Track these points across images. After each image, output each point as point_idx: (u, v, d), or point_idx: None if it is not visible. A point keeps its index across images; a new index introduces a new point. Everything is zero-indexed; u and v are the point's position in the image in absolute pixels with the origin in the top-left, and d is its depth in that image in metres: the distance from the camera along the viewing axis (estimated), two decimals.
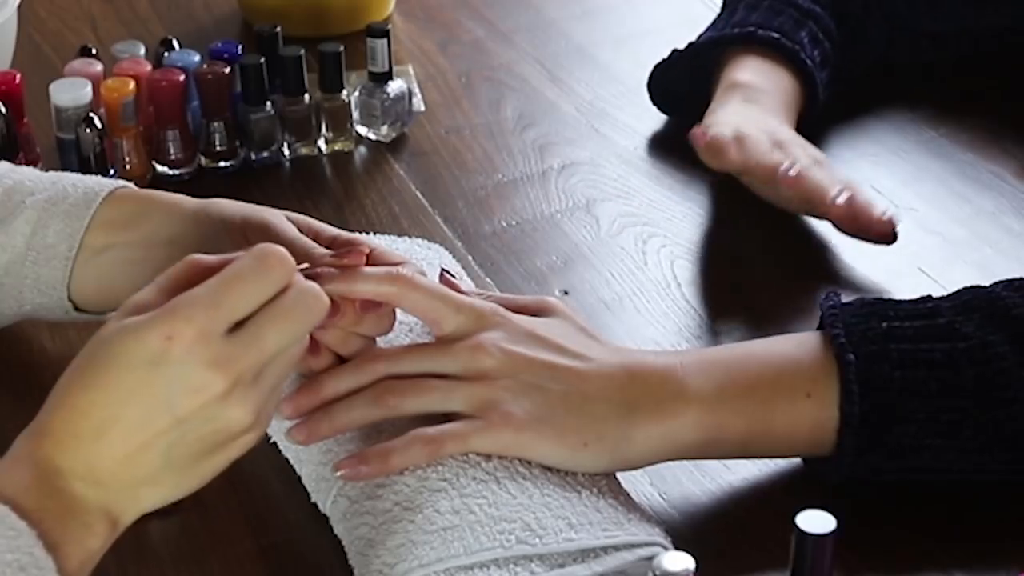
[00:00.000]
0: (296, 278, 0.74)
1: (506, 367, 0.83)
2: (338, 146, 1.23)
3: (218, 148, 1.19)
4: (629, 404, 0.83)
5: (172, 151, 1.18)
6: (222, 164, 1.20)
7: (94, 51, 1.23)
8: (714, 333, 1.01)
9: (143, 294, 0.73)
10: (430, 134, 1.26)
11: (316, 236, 0.89)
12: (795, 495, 0.85)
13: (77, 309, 0.95)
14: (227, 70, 1.17)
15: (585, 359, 0.84)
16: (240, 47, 1.22)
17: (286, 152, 1.22)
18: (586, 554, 0.78)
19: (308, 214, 0.92)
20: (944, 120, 1.23)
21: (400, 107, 1.24)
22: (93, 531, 0.70)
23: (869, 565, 0.82)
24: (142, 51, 1.23)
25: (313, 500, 0.86)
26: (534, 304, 0.89)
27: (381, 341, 0.86)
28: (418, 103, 1.29)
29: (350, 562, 0.81)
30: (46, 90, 1.16)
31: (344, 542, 0.82)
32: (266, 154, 1.21)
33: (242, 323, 0.72)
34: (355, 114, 1.23)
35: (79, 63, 1.21)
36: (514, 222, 1.14)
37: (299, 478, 0.87)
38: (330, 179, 1.21)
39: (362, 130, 1.24)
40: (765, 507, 0.86)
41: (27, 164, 1.07)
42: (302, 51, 1.19)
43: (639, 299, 1.05)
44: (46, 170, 1.00)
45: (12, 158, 1.08)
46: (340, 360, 0.84)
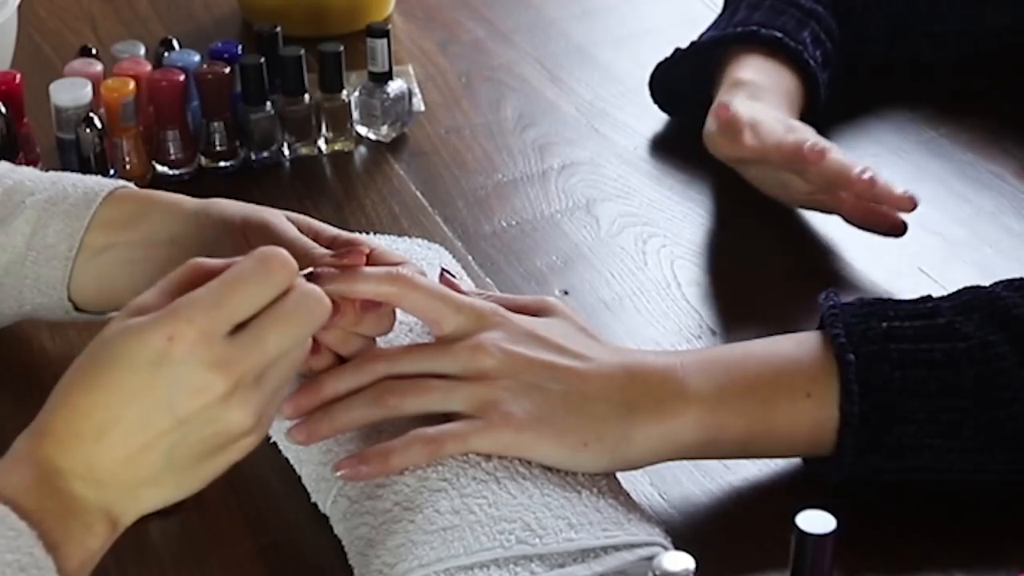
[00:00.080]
0: (298, 281, 0.74)
1: (506, 367, 0.82)
2: (338, 146, 1.23)
3: (218, 148, 1.19)
4: (629, 404, 0.83)
5: (172, 151, 1.18)
6: (222, 164, 1.20)
7: (94, 51, 1.23)
8: (714, 333, 1.01)
9: (145, 297, 0.73)
10: (430, 134, 1.26)
11: (316, 236, 0.89)
12: (795, 495, 0.85)
13: (77, 309, 0.95)
14: (227, 70, 1.17)
15: (585, 359, 0.84)
16: (240, 47, 1.22)
17: (286, 152, 1.22)
18: (586, 554, 0.78)
19: (308, 214, 0.92)
20: (944, 120, 1.23)
21: (400, 107, 1.24)
22: (93, 531, 0.70)
23: (869, 565, 0.82)
24: (142, 51, 1.23)
25: (313, 500, 0.86)
26: (534, 304, 0.89)
27: (381, 341, 0.86)
28: (418, 103, 1.29)
29: (350, 562, 0.81)
30: (46, 90, 1.16)
31: (344, 542, 0.82)
32: (266, 154, 1.21)
33: (244, 325, 0.72)
34: (355, 114, 1.23)
35: (79, 63, 1.21)
36: (514, 222, 1.14)
37: (299, 478, 0.87)
38: (330, 179, 1.21)
39: (362, 130, 1.24)
40: (765, 507, 0.86)
41: (27, 164, 1.07)
42: (302, 51, 1.19)
43: (639, 299, 1.05)
44: (46, 170, 1.00)
45: (12, 158, 1.08)
46: (340, 360, 0.84)
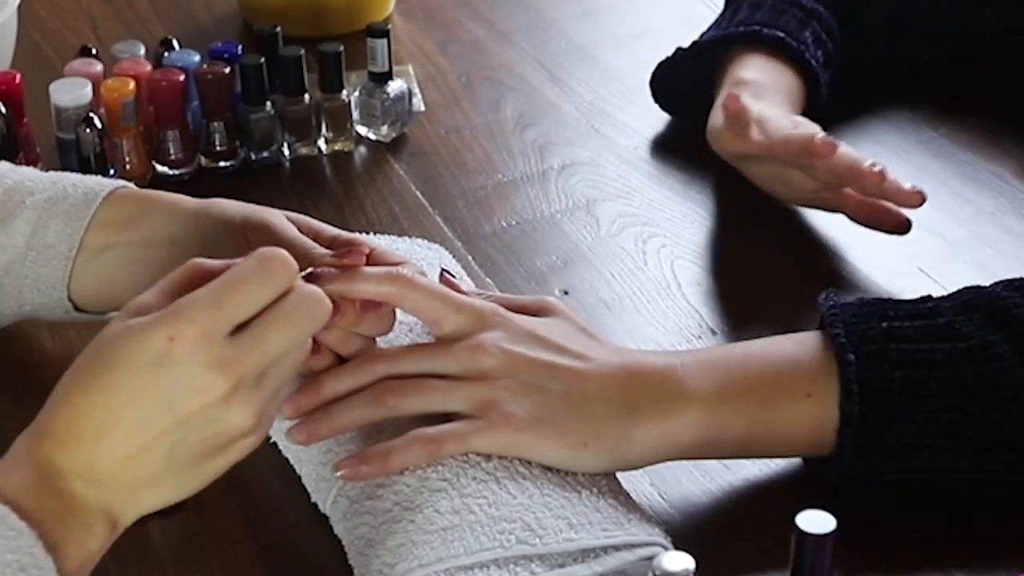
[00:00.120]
0: (298, 282, 0.74)
1: (506, 367, 0.82)
2: (338, 146, 1.23)
3: (218, 148, 1.19)
4: (629, 404, 0.83)
5: (172, 151, 1.18)
6: (222, 164, 1.20)
7: (94, 51, 1.23)
8: (714, 333, 1.01)
9: (145, 297, 0.73)
10: (430, 134, 1.26)
11: (316, 236, 0.89)
12: (795, 495, 0.85)
13: (77, 309, 0.95)
14: (227, 70, 1.17)
15: (585, 359, 0.84)
16: (240, 47, 1.22)
17: (286, 152, 1.22)
18: (586, 554, 0.78)
19: (308, 214, 0.92)
20: (944, 120, 1.23)
21: (400, 107, 1.24)
22: (93, 531, 0.70)
23: (869, 565, 0.82)
24: (142, 51, 1.23)
25: (313, 500, 0.86)
26: (534, 304, 0.89)
27: (381, 341, 0.86)
28: (418, 103, 1.29)
29: (350, 562, 0.81)
30: (46, 90, 1.16)
31: (344, 542, 0.82)
32: (266, 154, 1.21)
33: (244, 326, 0.72)
34: (355, 114, 1.23)
35: (79, 63, 1.21)
36: (514, 222, 1.14)
37: (299, 478, 0.87)
38: (330, 179, 1.21)
39: (362, 130, 1.24)
40: (765, 507, 0.86)
41: (27, 164, 1.07)
42: (302, 51, 1.19)
43: (639, 299, 1.05)
44: (46, 170, 1.00)
45: (12, 158, 1.08)
46: (340, 360, 0.84)
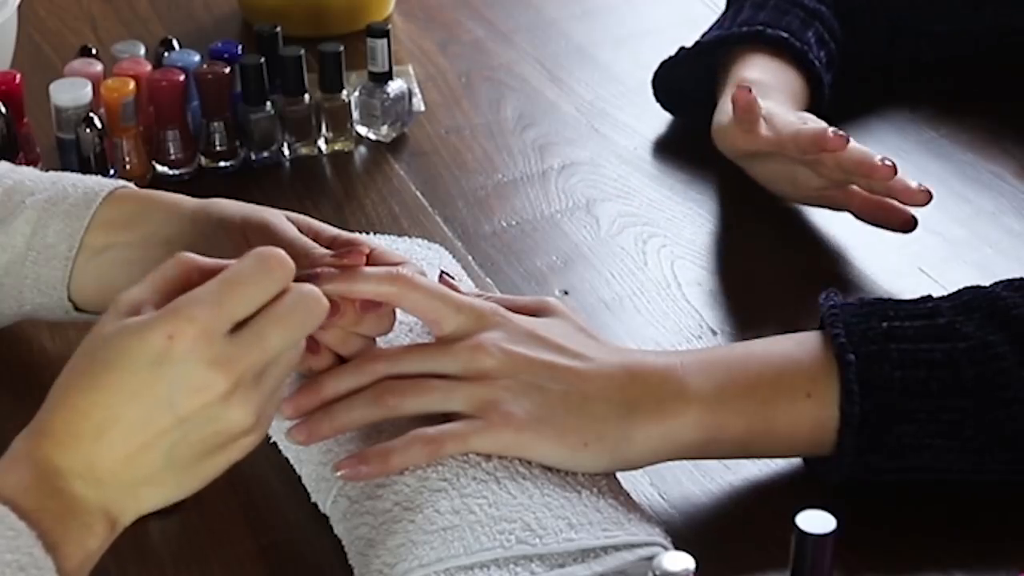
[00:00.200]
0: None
1: (506, 367, 0.82)
2: (338, 146, 1.23)
3: (218, 148, 1.19)
4: (629, 404, 0.82)
5: (172, 151, 1.18)
6: (222, 164, 1.20)
7: (94, 51, 1.23)
8: (714, 333, 1.01)
9: (136, 292, 0.72)
10: (430, 134, 1.26)
11: (316, 236, 0.89)
12: (795, 495, 0.85)
13: (77, 309, 0.95)
14: (227, 70, 1.17)
15: (585, 359, 0.84)
16: (240, 47, 1.22)
17: (286, 152, 1.22)
18: (586, 554, 0.78)
19: (308, 214, 0.92)
20: (944, 120, 1.23)
21: (400, 107, 1.24)
22: (93, 531, 0.70)
23: (869, 565, 0.82)
24: (142, 51, 1.23)
25: (313, 500, 0.86)
26: (534, 304, 0.89)
27: (381, 341, 0.86)
28: (418, 103, 1.29)
29: (350, 562, 0.81)
30: (46, 90, 1.16)
31: (344, 542, 0.82)
32: (266, 154, 1.21)
33: (242, 325, 0.71)
34: (355, 114, 1.23)
35: (79, 63, 1.21)
36: (514, 222, 1.14)
37: (299, 478, 0.87)
38: (330, 179, 1.21)
39: (362, 130, 1.24)
40: (765, 507, 0.86)
41: (27, 164, 1.07)
42: (302, 51, 1.19)
43: (639, 299, 1.05)
44: (46, 170, 1.00)
45: (12, 158, 1.08)
46: (340, 360, 0.84)
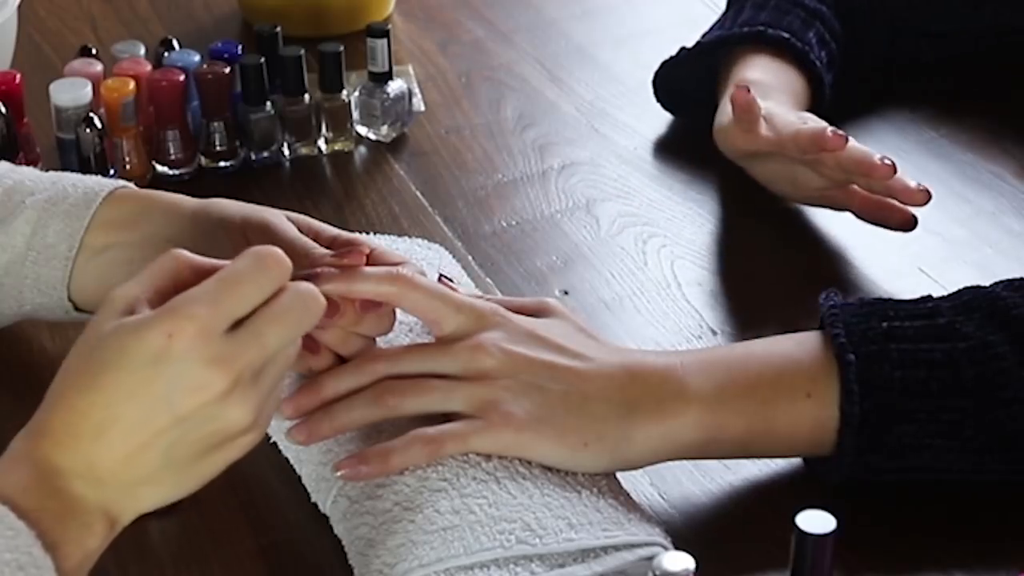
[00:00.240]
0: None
1: (506, 367, 0.82)
2: (338, 146, 1.23)
3: (218, 148, 1.19)
4: (629, 404, 0.82)
5: (172, 151, 1.18)
6: (222, 164, 1.20)
7: (94, 51, 1.23)
8: (714, 333, 1.01)
9: (130, 289, 0.72)
10: (430, 134, 1.26)
11: (316, 236, 0.89)
12: (795, 495, 0.85)
13: (77, 309, 0.95)
14: (227, 70, 1.17)
15: (585, 359, 0.84)
16: (240, 47, 1.22)
17: (286, 152, 1.22)
18: (586, 554, 0.78)
19: (308, 214, 0.92)
20: (944, 120, 1.23)
21: (400, 107, 1.24)
22: (92, 531, 0.70)
23: (869, 565, 0.82)
24: (142, 51, 1.23)
25: (313, 500, 0.86)
26: (533, 305, 0.89)
27: (381, 341, 0.86)
28: (418, 103, 1.29)
29: (350, 562, 0.81)
30: (46, 90, 1.16)
31: (344, 542, 0.82)
32: (266, 154, 1.21)
33: (239, 323, 0.71)
34: (355, 114, 1.23)
35: (79, 63, 1.21)
36: (514, 222, 1.14)
37: (299, 478, 0.87)
38: (330, 179, 1.21)
39: (362, 130, 1.24)
40: (765, 507, 0.86)
41: (27, 164, 1.07)
42: (302, 51, 1.19)
43: (639, 299, 1.05)
44: (46, 170, 1.00)
45: (12, 158, 1.08)
46: (340, 360, 0.84)
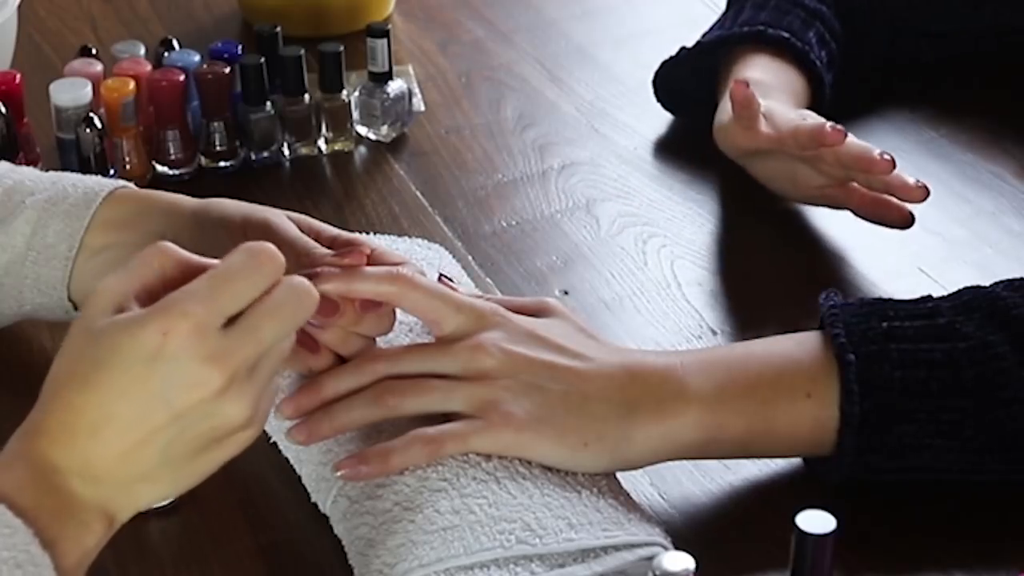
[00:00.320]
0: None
1: (506, 367, 0.82)
2: (338, 146, 1.23)
3: (218, 148, 1.19)
4: (629, 404, 0.82)
5: (172, 151, 1.18)
6: (222, 164, 1.20)
7: (94, 51, 1.23)
8: (714, 333, 1.01)
9: (116, 283, 0.71)
10: (430, 134, 1.26)
11: (317, 236, 0.89)
12: (795, 495, 0.85)
13: (77, 309, 0.95)
14: (227, 70, 1.17)
15: (585, 359, 0.84)
16: (240, 47, 1.22)
17: (286, 152, 1.22)
18: (586, 554, 0.78)
19: (308, 214, 0.92)
20: (944, 120, 1.23)
21: (400, 107, 1.24)
22: (90, 528, 0.70)
23: (869, 565, 0.82)
24: (142, 51, 1.23)
25: (313, 500, 0.86)
26: (533, 305, 0.89)
27: (381, 341, 0.86)
28: (418, 103, 1.29)
29: (350, 562, 0.81)
30: (46, 90, 1.16)
31: (344, 542, 0.82)
32: (266, 154, 1.21)
33: (234, 320, 0.71)
34: (355, 114, 1.23)
35: (79, 63, 1.21)
36: (514, 222, 1.14)
37: (299, 478, 0.87)
38: (330, 179, 1.21)
39: (362, 130, 1.24)
40: (765, 507, 0.86)
41: (27, 164, 1.07)
42: (302, 51, 1.19)
43: (639, 299, 1.05)
44: (46, 170, 1.00)
45: (12, 158, 1.08)
46: (340, 360, 0.84)
